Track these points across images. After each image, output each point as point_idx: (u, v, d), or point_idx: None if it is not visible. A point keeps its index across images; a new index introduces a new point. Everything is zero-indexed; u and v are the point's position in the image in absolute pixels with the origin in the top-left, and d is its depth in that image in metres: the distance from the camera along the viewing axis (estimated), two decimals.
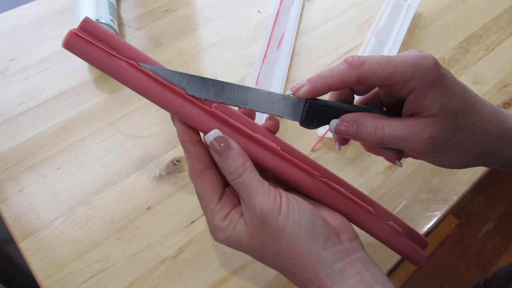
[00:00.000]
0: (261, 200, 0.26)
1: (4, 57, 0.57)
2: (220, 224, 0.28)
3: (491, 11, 0.67)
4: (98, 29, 0.26)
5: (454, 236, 1.27)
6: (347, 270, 0.27)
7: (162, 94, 0.27)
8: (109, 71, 0.27)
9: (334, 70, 0.28)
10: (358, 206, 0.31)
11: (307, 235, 0.27)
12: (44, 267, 0.39)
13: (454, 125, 0.28)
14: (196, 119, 0.28)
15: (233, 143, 0.28)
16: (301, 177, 0.30)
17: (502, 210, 1.34)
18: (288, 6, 0.64)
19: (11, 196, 0.44)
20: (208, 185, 0.28)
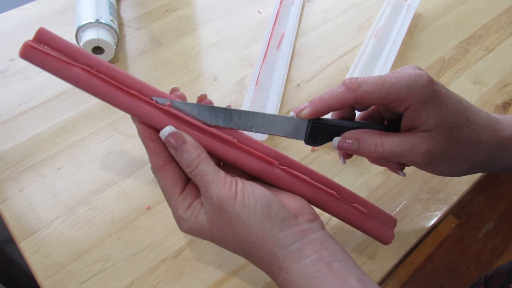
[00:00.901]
0: (216, 188, 0.28)
1: (4, 57, 0.57)
2: (183, 215, 0.29)
3: (491, 11, 0.67)
4: (52, 38, 0.28)
5: (454, 236, 1.27)
6: (304, 250, 0.28)
7: (117, 96, 0.28)
8: (65, 77, 0.28)
9: (333, 92, 0.30)
10: (320, 191, 0.33)
11: (263, 219, 0.28)
12: (44, 267, 0.39)
13: (449, 137, 0.30)
14: (152, 118, 0.29)
15: (187, 137, 0.29)
16: (261, 167, 0.31)
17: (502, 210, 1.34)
18: (288, 6, 0.64)
19: (11, 196, 0.44)
20: (170, 179, 0.30)
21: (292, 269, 0.28)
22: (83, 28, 0.53)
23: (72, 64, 0.28)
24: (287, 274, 0.28)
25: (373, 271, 0.40)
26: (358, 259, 0.41)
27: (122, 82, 0.29)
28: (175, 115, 0.29)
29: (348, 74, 0.56)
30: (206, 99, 0.32)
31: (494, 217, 1.32)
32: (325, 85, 0.56)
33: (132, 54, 0.59)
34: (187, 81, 0.56)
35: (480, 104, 0.55)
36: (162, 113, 0.29)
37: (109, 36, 0.54)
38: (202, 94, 0.32)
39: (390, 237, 0.36)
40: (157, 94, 0.30)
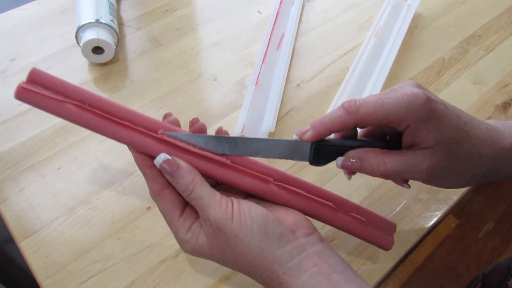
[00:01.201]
0: (213, 211, 0.29)
1: (4, 57, 0.57)
2: (184, 237, 0.30)
3: (491, 11, 0.67)
4: (44, 77, 0.29)
5: (454, 236, 1.27)
6: (303, 264, 0.28)
7: (110, 129, 0.30)
8: (59, 115, 0.29)
9: (334, 116, 0.31)
10: (317, 203, 0.33)
11: (260, 237, 0.29)
12: (44, 267, 0.39)
13: (450, 154, 0.30)
14: (146, 146, 0.30)
15: (181, 162, 0.30)
16: (255, 185, 0.32)
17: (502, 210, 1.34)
18: (288, 6, 0.64)
19: (11, 196, 0.44)
20: (168, 203, 0.30)
21: (292, 284, 0.28)
22: (83, 28, 0.53)
23: (65, 102, 0.29)
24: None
25: (373, 271, 0.40)
26: (358, 259, 0.41)
27: (115, 114, 0.30)
28: (168, 142, 0.30)
29: (348, 74, 0.56)
30: (199, 122, 0.32)
31: (494, 217, 1.32)
32: (325, 85, 0.56)
33: (132, 54, 0.59)
34: (187, 81, 0.56)
35: (480, 104, 0.55)
36: (156, 141, 0.30)
37: (109, 36, 0.54)
38: (194, 118, 0.32)
39: (390, 243, 0.36)
40: (149, 123, 0.30)
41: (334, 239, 0.42)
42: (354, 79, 0.55)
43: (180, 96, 0.54)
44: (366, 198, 0.45)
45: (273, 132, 0.50)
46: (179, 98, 0.54)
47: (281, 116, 0.52)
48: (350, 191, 0.46)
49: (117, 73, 0.56)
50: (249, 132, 0.49)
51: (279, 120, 0.52)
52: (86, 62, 0.57)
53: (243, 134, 0.49)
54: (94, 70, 0.56)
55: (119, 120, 0.30)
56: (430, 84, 0.57)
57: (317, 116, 0.52)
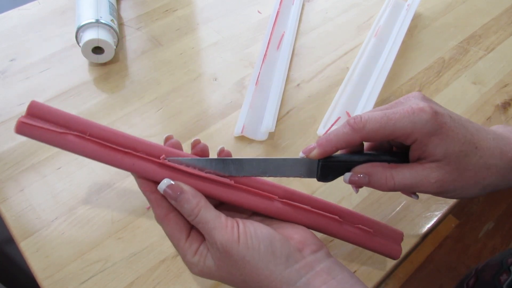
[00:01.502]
0: (219, 234, 0.28)
1: (4, 57, 0.57)
2: (192, 260, 0.30)
3: (491, 11, 0.67)
4: (44, 110, 0.29)
5: (454, 236, 1.27)
6: (312, 283, 0.28)
7: (112, 157, 0.30)
8: (60, 146, 0.29)
9: (340, 133, 0.31)
10: (323, 217, 0.33)
11: (268, 258, 0.28)
12: (44, 267, 0.39)
13: (458, 167, 0.30)
14: (148, 172, 0.30)
15: (185, 186, 0.30)
16: (260, 203, 0.32)
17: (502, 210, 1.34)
18: (288, 6, 0.64)
19: (11, 196, 0.44)
20: (174, 227, 0.30)
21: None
22: (83, 28, 0.53)
23: (65, 133, 0.29)
24: None
25: (373, 271, 0.40)
26: (358, 259, 0.41)
27: (116, 141, 0.30)
28: (171, 166, 0.30)
29: (348, 74, 0.56)
30: (201, 144, 0.32)
31: (494, 217, 1.32)
32: (325, 85, 0.56)
33: (132, 54, 0.59)
34: (187, 81, 0.56)
35: (480, 104, 0.55)
36: (158, 166, 0.30)
37: (109, 36, 0.54)
38: (196, 140, 0.32)
39: (398, 252, 0.36)
40: (151, 148, 0.30)
41: (334, 239, 0.42)
42: (354, 79, 0.55)
43: (180, 96, 0.54)
44: (366, 198, 0.45)
45: (273, 132, 0.50)
46: (179, 98, 0.54)
47: (281, 116, 0.52)
48: (350, 191, 0.46)
49: (117, 73, 0.56)
50: (249, 132, 0.49)
51: (279, 120, 0.52)
52: (86, 62, 0.57)
53: (243, 134, 0.49)
54: (94, 70, 0.56)
55: (121, 148, 0.30)
56: (430, 84, 0.57)
57: (317, 116, 0.52)
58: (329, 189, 0.46)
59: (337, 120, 0.50)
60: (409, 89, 0.56)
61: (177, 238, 0.30)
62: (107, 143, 0.30)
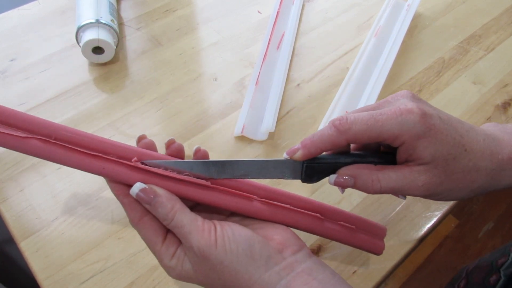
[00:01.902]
0: (195, 238, 0.28)
1: (4, 57, 0.57)
2: (169, 264, 0.29)
3: (491, 11, 0.67)
4: (5, 113, 0.28)
5: (454, 236, 1.27)
6: (292, 285, 0.28)
7: (81, 161, 0.29)
8: (24, 151, 0.28)
9: (325, 135, 0.30)
10: (303, 216, 0.32)
11: (247, 262, 0.28)
12: (44, 267, 0.39)
13: (446, 169, 0.29)
14: (120, 176, 0.29)
15: (158, 190, 0.29)
16: (239, 204, 0.31)
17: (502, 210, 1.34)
18: (288, 6, 0.64)
19: (11, 196, 0.44)
20: (149, 230, 0.29)
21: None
22: (83, 28, 0.53)
23: (29, 138, 0.28)
24: None
25: (373, 271, 0.40)
26: (358, 259, 0.41)
27: (84, 145, 0.29)
28: (143, 169, 0.29)
29: (348, 74, 0.56)
30: (175, 144, 0.31)
31: (494, 217, 1.32)
32: (325, 85, 0.56)
33: (132, 54, 0.59)
34: (187, 81, 0.56)
35: (480, 104, 0.55)
36: (130, 169, 0.29)
37: (109, 36, 0.54)
38: (170, 139, 0.31)
39: (381, 248, 0.36)
40: (122, 150, 0.29)
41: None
42: (354, 79, 0.55)
43: (180, 96, 0.54)
44: (365, 198, 0.45)
45: (273, 132, 0.50)
46: (179, 98, 0.54)
47: (281, 116, 0.52)
48: (349, 192, 0.46)
49: (117, 73, 0.56)
50: (249, 132, 0.49)
51: (279, 120, 0.52)
52: (86, 62, 0.57)
53: (243, 134, 0.49)
54: (94, 70, 0.56)
55: (89, 151, 0.29)
56: (430, 84, 0.57)
57: (317, 116, 0.52)
58: (328, 190, 0.46)
59: None
60: (409, 89, 0.56)
61: (153, 242, 0.29)
62: (75, 146, 0.28)
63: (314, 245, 0.42)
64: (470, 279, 0.50)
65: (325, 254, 0.41)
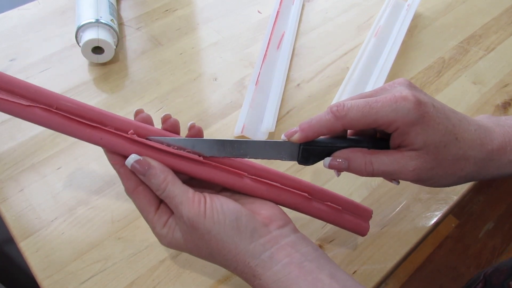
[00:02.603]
0: (186, 208, 0.29)
1: (4, 57, 0.57)
2: (161, 232, 0.31)
3: (491, 11, 0.67)
4: (10, 82, 0.29)
5: (454, 236, 1.27)
6: (276, 256, 0.29)
7: (80, 131, 0.30)
8: (26, 119, 0.29)
9: (322, 120, 0.31)
10: (291, 194, 0.34)
11: (233, 233, 0.29)
12: (44, 267, 0.39)
13: (437, 156, 0.30)
14: (117, 146, 0.30)
15: (152, 162, 0.30)
16: (230, 179, 0.32)
17: (502, 210, 1.34)
18: (288, 6, 0.64)
19: (11, 196, 0.44)
20: (143, 199, 0.31)
21: (265, 275, 0.29)
22: (83, 28, 0.53)
23: (32, 106, 0.29)
24: (261, 280, 0.29)
25: (373, 271, 0.40)
26: (358, 259, 0.41)
27: (83, 115, 0.30)
28: (139, 142, 0.30)
29: (348, 74, 0.56)
30: (171, 119, 0.33)
31: (494, 217, 1.32)
32: (325, 85, 0.56)
33: (132, 54, 0.59)
34: (187, 81, 0.56)
35: (480, 104, 0.55)
36: (126, 141, 0.30)
37: (109, 36, 0.54)
38: (166, 114, 0.33)
39: (366, 229, 0.37)
40: (119, 123, 0.30)
41: (334, 239, 0.42)
42: (354, 79, 0.55)
43: (180, 96, 0.54)
44: (366, 198, 0.45)
45: (273, 132, 0.50)
46: (179, 98, 0.54)
47: (281, 116, 0.52)
48: (350, 191, 0.46)
49: (117, 73, 0.56)
50: (249, 132, 0.49)
51: (279, 120, 0.52)
52: (86, 62, 0.57)
53: (243, 134, 0.49)
54: (94, 70, 0.56)
55: (88, 122, 0.30)
56: (430, 84, 0.57)
57: None
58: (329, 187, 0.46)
59: None
60: None
61: (146, 211, 0.31)
62: (75, 117, 0.30)
63: None
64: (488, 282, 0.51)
65: None
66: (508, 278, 0.48)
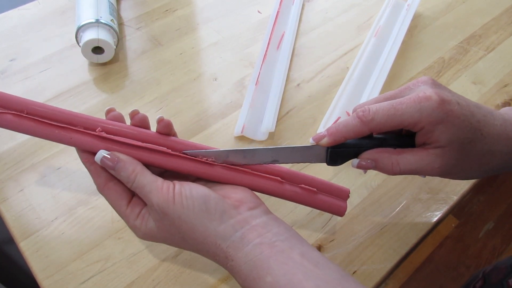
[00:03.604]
0: (155, 196, 0.30)
1: (4, 57, 0.57)
2: (134, 223, 0.31)
3: (491, 11, 0.67)
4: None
5: (454, 236, 1.27)
6: (247, 236, 0.30)
7: (50, 133, 0.31)
8: (2, 125, 0.31)
9: (349, 125, 0.32)
10: (263, 179, 0.34)
11: (202, 215, 0.30)
12: (44, 267, 0.39)
13: (462, 152, 0.31)
14: (86, 144, 0.32)
15: (121, 155, 0.31)
16: (200, 168, 0.33)
17: (502, 210, 1.34)
18: (288, 6, 0.64)
19: (11, 196, 0.44)
20: (114, 194, 0.32)
21: (236, 256, 0.29)
22: (83, 28, 0.53)
23: (3, 113, 0.31)
24: (233, 262, 0.29)
25: (373, 271, 0.40)
26: (358, 259, 0.41)
27: (53, 118, 0.32)
28: (107, 138, 0.32)
29: (348, 74, 0.56)
30: (139, 114, 0.33)
31: (494, 217, 1.32)
32: (325, 85, 0.56)
33: (132, 54, 0.59)
34: (187, 81, 0.56)
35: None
36: (95, 138, 0.32)
37: (109, 36, 0.54)
38: (134, 110, 0.34)
39: (343, 209, 0.37)
40: (88, 122, 0.32)
41: (334, 239, 0.42)
42: (354, 79, 0.55)
43: (180, 96, 0.54)
44: (366, 198, 0.45)
45: (273, 132, 0.50)
46: (179, 98, 0.54)
47: (281, 116, 0.52)
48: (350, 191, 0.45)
49: (117, 73, 0.56)
50: (249, 132, 0.49)
51: (279, 120, 0.52)
52: (86, 62, 0.57)
53: (243, 134, 0.49)
54: (94, 70, 0.56)
55: (58, 123, 0.31)
56: None
57: (317, 116, 0.52)
58: None
59: (337, 120, 0.50)
60: None
61: (118, 205, 0.32)
62: (45, 119, 0.31)
63: (315, 245, 0.42)
64: (487, 280, 0.51)
65: (325, 254, 0.41)
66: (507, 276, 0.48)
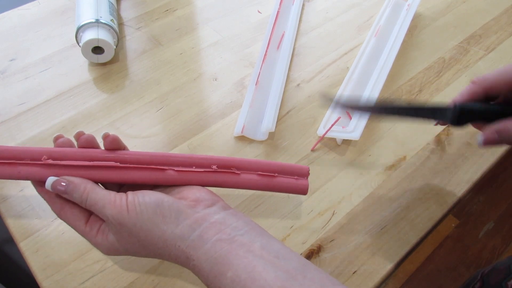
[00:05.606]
0: (109, 209, 0.30)
1: (4, 57, 0.57)
2: (96, 240, 0.32)
3: (491, 11, 0.67)
4: None
5: (454, 236, 1.27)
6: (205, 235, 0.30)
7: None
8: None
9: (464, 89, 0.37)
10: (217, 174, 0.35)
11: (157, 220, 0.30)
12: (44, 267, 0.39)
13: None
14: (35, 175, 0.32)
15: (70, 178, 0.32)
16: (152, 176, 0.33)
17: (502, 210, 1.34)
18: (288, 6, 0.64)
19: (11, 196, 0.44)
20: (71, 217, 0.32)
21: (197, 255, 0.29)
22: (83, 28, 0.53)
23: None
24: (195, 261, 0.29)
25: (373, 271, 0.40)
26: (358, 259, 0.41)
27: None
28: (54, 165, 0.32)
29: (348, 74, 0.56)
30: (85, 135, 0.34)
31: (494, 217, 1.32)
32: (325, 85, 0.56)
33: (132, 54, 0.59)
34: (187, 81, 0.56)
35: None
36: (42, 167, 0.32)
37: (109, 36, 0.54)
38: (79, 132, 0.34)
39: (305, 187, 0.37)
40: (33, 153, 0.32)
41: (334, 239, 0.42)
42: (354, 79, 0.55)
43: (180, 96, 0.54)
44: (366, 198, 0.45)
45: (273, 132, 0.50)
46: (179, 98, 0.54)
47: (281, 116, 0.52)
48: (350, 191, 0.46)
49: (117, 73, 0.56)
50: (249, 132, 0.49)
51: (279, 120, 0.52)
52: (86, 62, 0.57)
53: (243, 134, 0.49)
54: (94, 70, 0.56)
55: (4, 160, 0.32)
56: (430, 84, 0.57)
57: (317, 116, 0.52)
58: (329, 190, 0.46)
59: (337, 120, 0.50)
60: (409, 89, 0.56)
61: (77, 226, 0.32)
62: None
63: (314, 245, 0.42)
64: (485, 281, 0.50)
65: (325, 254, 0.41)
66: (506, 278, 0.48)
